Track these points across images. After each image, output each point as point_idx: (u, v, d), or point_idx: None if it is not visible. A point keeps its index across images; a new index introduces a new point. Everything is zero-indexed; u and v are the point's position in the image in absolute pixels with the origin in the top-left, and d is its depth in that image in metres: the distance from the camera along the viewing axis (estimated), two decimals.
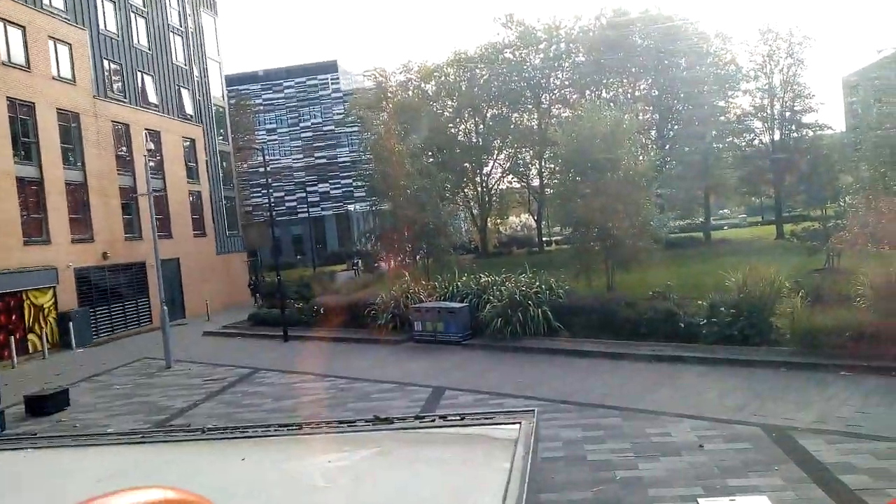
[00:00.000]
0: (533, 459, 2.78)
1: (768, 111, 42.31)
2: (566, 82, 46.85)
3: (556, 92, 47.26)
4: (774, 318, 14.88)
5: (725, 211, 65.46)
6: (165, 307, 20.70)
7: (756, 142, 43.73)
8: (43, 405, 14.65)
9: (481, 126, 48.04)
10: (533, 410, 3.16)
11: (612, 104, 28.11)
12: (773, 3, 78.66)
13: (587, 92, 43.67)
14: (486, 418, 3.24)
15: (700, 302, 16.56)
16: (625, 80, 44.78)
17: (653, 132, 43.13)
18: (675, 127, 43.69)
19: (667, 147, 41.30)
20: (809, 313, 14.15)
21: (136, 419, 13.53)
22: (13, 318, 23.98)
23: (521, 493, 2.23)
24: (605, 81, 44.42)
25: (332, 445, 3.53)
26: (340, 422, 3.37)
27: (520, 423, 3.42)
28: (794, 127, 41.95)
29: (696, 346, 15.16)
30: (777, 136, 42.34)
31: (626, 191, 20.84)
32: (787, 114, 41.93)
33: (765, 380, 12.53)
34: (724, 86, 42.22)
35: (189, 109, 38.17)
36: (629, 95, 43.63)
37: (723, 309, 15.33)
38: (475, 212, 49.42)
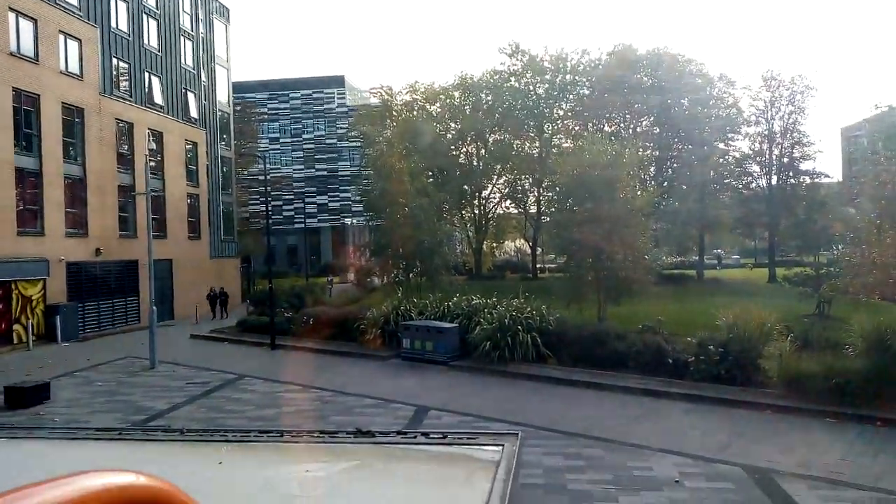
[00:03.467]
0: (514, 484, 2.76)
1: (767, 156, 42.74)
2: (569, 113, 47.29)
3: (558, 122, 47.68)
4: (762, 360, 14.88)
5: (719, 251, 65.74)
6: (155, 307, 20.58)
7: (753, 185, 44.12)
8: (23, 397, 14.48)
9: (483, 150, 48.34)
10: (517, 434, 3.13)
11: (613, 138, 28.36)
12: (777, 52, 79.93)
13: (589, 124, 44.05)
14: (469, 438, 3.21)
15: (689, 339, 16.56)
16: (627, 116, 45.21)
17: (652, 168, 43.45)
18: (674, 165, 44.05)
19: (665, 184, 41.57)
20: (797, 358, 14.16)
21: (115, 418, 13.37)
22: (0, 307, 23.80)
23: None
24: (607, 115, 44.84)
25: (311, 455, 3.50)
26: (322, 432, 3.33)
27: (503, 445, 3.40)
28: (791, 173, 42.37)
29: (682, 382, 15.14)
30: (774, 181, 42.72)
31: (623, 223, 20.94)
32: (786, 160, 42.37)
33: (749, 421, 12.50)
34: (725, 128, 42.68)
35: (194, 113, 38.30)
36: (631, 131, 44.02)
37: (711, 347, 15.32)
38: (471, 234, 49.54)
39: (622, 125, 45.27)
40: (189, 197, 36.16)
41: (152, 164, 29.79)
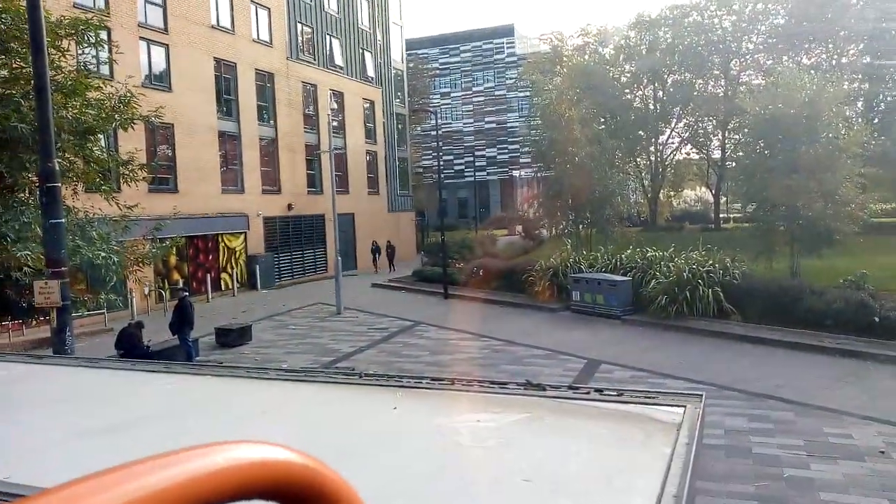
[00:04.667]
0: (697, 448, 2.54)
1: None
2: (760, 46, 42.72)
3: (747, 57, 43.30)
4: None
5: None
6: (339, 258, 22.10)
7: None
8: (229, 337, 16.33)
9: (660, 92, 45.42)
10: (701, 395, 2.88)
11: (813, 72, 25.22)
12: None
13: (784, 58, 39.54)
14: (647, 397, 3.01)
15: None
16: (830, 45, 39.91)
17: (860, 104, 38.22)
18: (888, 99, 38.37)
19: (876, 121, 36.43)
20: None
21: (307, 358, 14.66)
22: (210, 258, 26.89)
23: (683, 482, 2.01)
24: (806, 46, 39.92)
25: (481, 406, 3.51)
26: (492, 383, 3.31)
27: (685, 406, 3.15)
28: None
29: (892, 343, 13.42)
30: None
31: (824, 167, 18.74)
32: None
33: None
34: None
35: (370, 72, 39.90)
36: (834, 62, 38.90)
37: None
38: (647, 182, 47.19)
39: (824, 56, 40.11)
40: (367, 154, 38.05)
41: (334, 123, 31.62)
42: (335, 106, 34.78)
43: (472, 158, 65.42)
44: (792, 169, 18.78)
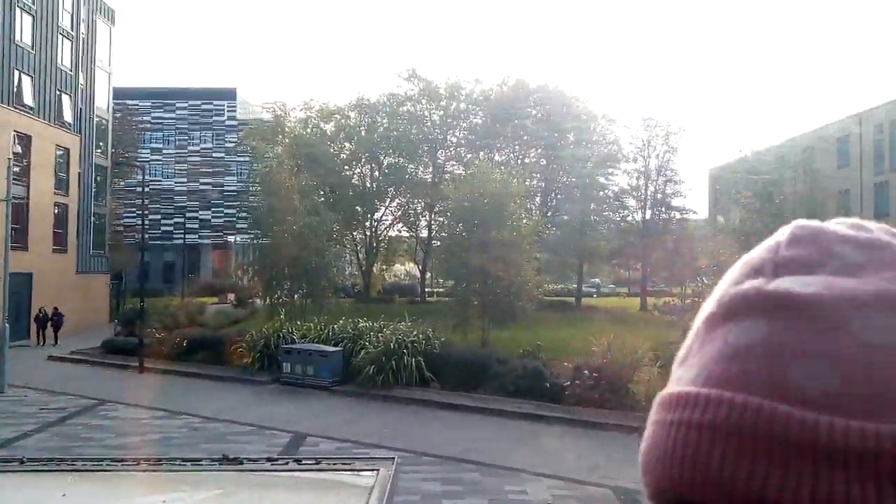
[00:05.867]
0: None
1: (642, 191, 45.58)
2: (462, 141, 48.35)
3: (451, 149, 48.60)
4: (633, 385, 15.67)
5: (597, 280, 69.02)
6: (7, 325, 18.81)
7: (630, 218, 46.83)
8: None
9: (377, 172, 48.33)
10: (393, 458, 3.09)
11: (503, 167, 29.28)
12: (656, 96, 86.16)
13: (481, 153, 45.22)
14: (344, 464, 3.13)
15: (567, 364, 17.17)
16: (517, 146, 46.86)
17: (538, 199, 45.15)
18: (559, 196, 46.02)
19: (549, 214, 43.30)
20: (662, 382, 15.02)
21: None
22: None
23: None
24: (498, 145, 46.24)
25: (170, 484, 3.29)
26: (183, 459, 3.13)
27: (377, 470, 3.34)
28: (663, 208, 45.37)
29: (560, 406, 15.65)
30: (648, 215, 45.57)
31: (509, 250, 21.54)
32: (659, 196, 45.34)
33: (620, 443, 13.07)
34: (606, 164, 45.18)
35: (68, 117, 35.75)
36: (519, 161, 45.64)
37: (587, 372, 15.97)
38: (361, 256, 49.15)
39: (512, 155, 46.84)
40: (57, 206, 33.53)
41: (16, 168, 27.44)
42: (19, 149, 30.28)
43: (182, 220, 61.62)
44: (484, 250, 21.22)
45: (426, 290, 49.71)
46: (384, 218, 49.82)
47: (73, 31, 36.36)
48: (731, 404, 0.47)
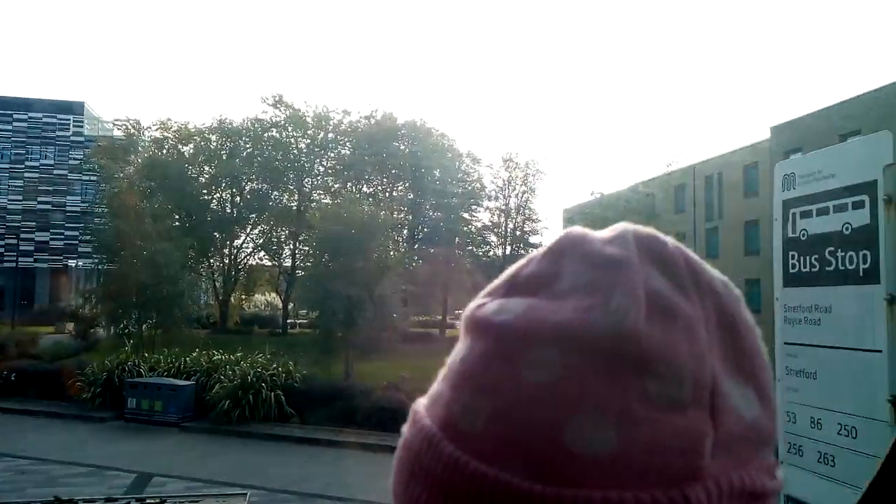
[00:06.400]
0: None
1: (503, 228, 47.60)
2: (329, 170, 47.98)
3: (319, 178, 48.04)
4: None
5: (461, 312, 70.74)
6: None
7: (491, 253, 48.61)
8: None
9: (238, 198, 46.63)
10: (245, 493, 2.97)
11: (370, 199, 29.36)
12: (517, 139, 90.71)
13: (348, 184, 45.12)
14: (191, 502, 2.97)
15: None
16: (385, 179, 47.27)
17: (405, 231, 45.69)
18: (425, 230, 46.83)
19: (416, 247, 43.89)
20: None
21: None
22: None
23: None
24: (366, 177, 46.39)
25: None
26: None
27: None
28: (522, 244, 47.61)
29: None
30: (508, 251, 47.57)
31: (375, 281, 21.54)
32: (518, 232, 47.58)
33: None
34: (470, 200, 46.76)
35: None
36: (387, 194, 46.07)
37: None
38: (219, 285, 46.90)
39: (380, 188, 47.16)
40: None
41: None
42: None
43: (15, 241, 55.84)
44: (350, 281, 21.06)
45: (289, 321, 48.32)
46: (245, 245, 48.07)
47: None
48: (421, 430, 0.48)
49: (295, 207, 46.37)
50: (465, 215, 46.77)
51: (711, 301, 0.45)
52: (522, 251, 47.07)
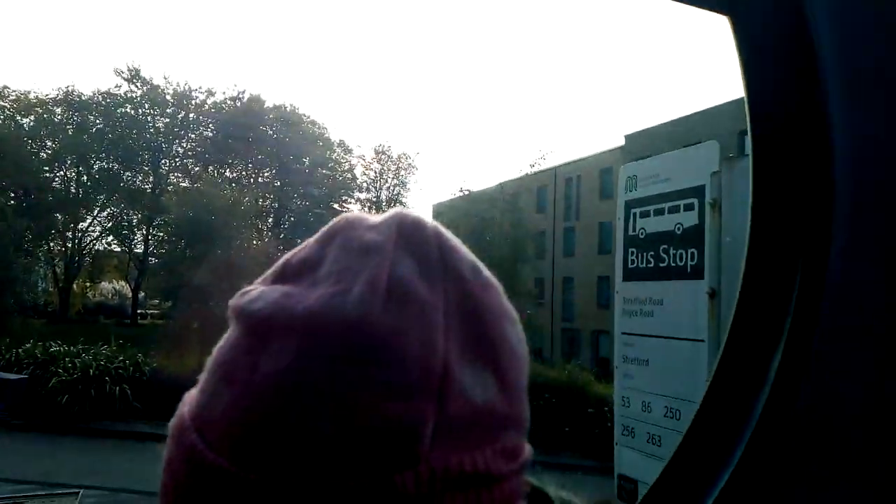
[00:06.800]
0: None
1: None
2: (190, 152, 45.39)
3: (177, 160, 45.30)
4: None
5: None
6: None
7: None
8: None
9: (85, 177, 42.91)
10: (77, 492, 2.78)
11: (233, 184, 28.16)
12: (390, 131, 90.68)
13: (210, 167, 42.95)
14: (15, 502, 2.74)
15: None
16: (250, 165, 45.48)
17: (270, 220, 44.27)
18: (291, 219, 45.67)
19: (282, 236, 42.66)
20: None
21: None
22: None
23: None
24: (230, 161, 44.39)
25: None
26: None
27: None
28: None
29: None
30: None
31: (237, 269, 20.72)
32: None
33: None
34: (341, 191, 46.13)
35: None
36: (252, 180, 44.37)
37: None
38: (59, 270, 42.98)
39: (244, 173, 45.30)
40: None
41: None
42: None
43: None
44: (208, 269, 20.12)
45: (139, 311, 45.26)
46: (91, 229, 44.35)
47: None
48: (178, 417, 0.50)
49: (150, 190, 43.45)
50: (336, 206, 46.10)
51: (455, 287, 0.45)
52: None
